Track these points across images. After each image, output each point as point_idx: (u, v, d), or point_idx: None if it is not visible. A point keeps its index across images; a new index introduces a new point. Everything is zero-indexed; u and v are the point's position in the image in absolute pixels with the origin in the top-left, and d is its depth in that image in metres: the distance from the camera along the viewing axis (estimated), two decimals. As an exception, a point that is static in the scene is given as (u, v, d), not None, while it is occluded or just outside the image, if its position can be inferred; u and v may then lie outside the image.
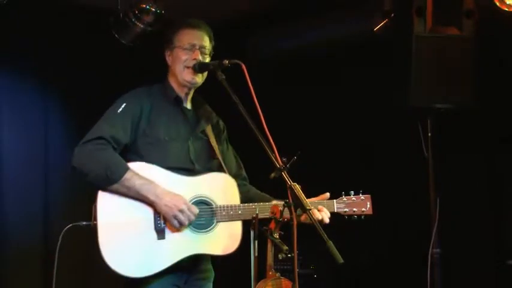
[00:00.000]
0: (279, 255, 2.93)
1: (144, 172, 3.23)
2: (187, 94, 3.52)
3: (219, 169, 3.51)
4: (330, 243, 2.76)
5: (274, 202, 3.34)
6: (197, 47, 3.46)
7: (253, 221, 3.05)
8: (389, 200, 5.18)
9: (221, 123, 3.68)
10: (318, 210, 3.34)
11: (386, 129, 5.17)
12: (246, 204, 3.35)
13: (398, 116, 4.78)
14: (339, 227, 3.59)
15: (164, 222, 3.22)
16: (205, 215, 3.29)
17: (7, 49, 4.72)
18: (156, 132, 3.35)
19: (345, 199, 3.52)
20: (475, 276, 4.93)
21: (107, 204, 3.18)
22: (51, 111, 5.06)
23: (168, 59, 3.52)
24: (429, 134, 4.52)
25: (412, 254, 4.93)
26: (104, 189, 3.18)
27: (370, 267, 5.36)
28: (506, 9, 4.30)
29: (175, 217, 3.19)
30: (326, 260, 2.81)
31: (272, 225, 3.02)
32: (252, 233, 3.03)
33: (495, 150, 4.99)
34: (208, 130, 3.55)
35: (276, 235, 3.01)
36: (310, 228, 2.87)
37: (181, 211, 3.19)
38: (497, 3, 4.31)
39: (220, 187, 3.38)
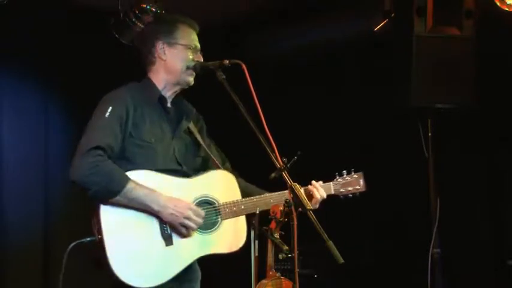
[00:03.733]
0: (280, 255, 2.93)
1: (143, 180, 3.15)
2: (175, 93, 3.43)
3: (205, 166, 3.49)
4: (330, 243, 2.76)
5: (266, 194, 3.38)
6: (198, 50, 3.41)
7: (254, 221, 3.06)
8: (389, 200, 5.19)
9: (201, 117, 3.59)
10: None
11: (386, 129, 5.17)
12: (247, 198, 3.34)
13: (399, 116, 4.79)
14: (339, 227, 3.61)
15: (170, 228, 3.18)
16: (210, 214, 3.27)
17: (7, 49, 4.72)
18: (141, 134, 3.25)
19: (339, 180, 3.61)
20: (475, 276, 4.93)
21: (110, 217, 3.09)
22: (51, 111, 5.06)
23: (162, 53, 3.37)
24: (429, 134, 4.52)
25: (412, 254, 4.93)
26: (106, 202, 3.09)
27: (371, 267, 5.36)
28: (507, 9, 4.31)
29: (182, 224, 3.16)
30: (326, 260, 2.80)
31: (272, 225, 3.02)
32: (252, 233, 3.03)
33: (495, 150, 4.99)
34: (192, 127, 3.48)
35: (277, 235, 3.01)
36: (310, 229, 2.86)
37: (187, 218, 3.16)
38: (498, 3, 4.32)
39: (220, 184, 3.36)
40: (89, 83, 4.95)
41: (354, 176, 3.64)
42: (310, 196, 3.41)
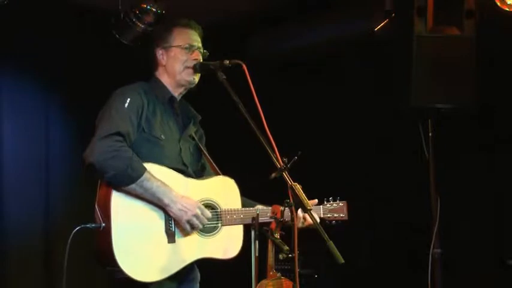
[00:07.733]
0: (280, 256, 2.93)
1: (156, 172, 3.18)
2: (180, 94, 3.52)
3: (206, 171, 3.56)
4: (331, 243, 2.76)
5: (259, 207, 3.42)
6: (195, 48, 3.47)
7: (254, 221, 3.06)
8: (390, 200, 5.19)
9: (201, 128, 3.67)
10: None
11: (387, 129, 5.17)
12: (247, 208, 3.38)
13: (399, 116, 4.78)
14: (338, 227, 3.61)
15: (175, 226, 3.21)
16: (212, 218, 3.30)
17: (8, 49, 4.71)
18: (152, 130, 3.32)
19: (328, 205, 3.67)
20: (475, 276, 4.93)
21: (120, 205, 3.11)
22: (51, 111, 5.06)
23: (161, 58, 3.49)
24: (430, 134, 4.52)
25: (412, 254, 4.93)
26: (119, 190, 3.11)
27: (371, 267, 5.35)
28: (507, 9, 4.30)
29: (189, 221, 3.19)
30: (327, 260, 2.81)
31: (273, 225, 3.02)
32: (252, 233, 3.03)
33: (495, 150, 4.98)
34: (194, 133, 3.56)
35: (277, 235, 3.01)
36: (310, 229, 2.86)
37: (195, 216, 3.19)
38: (498, 3, 4.32)
39: (224, 191, 3.40)
40: (89, 82, 4.96)
41: (340, 203, 3.70)
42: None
